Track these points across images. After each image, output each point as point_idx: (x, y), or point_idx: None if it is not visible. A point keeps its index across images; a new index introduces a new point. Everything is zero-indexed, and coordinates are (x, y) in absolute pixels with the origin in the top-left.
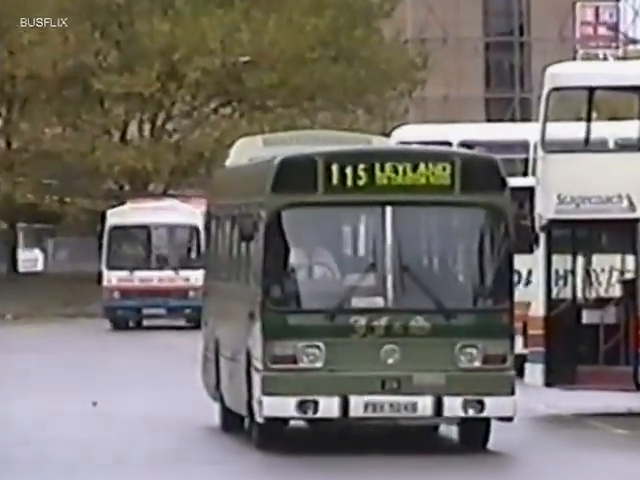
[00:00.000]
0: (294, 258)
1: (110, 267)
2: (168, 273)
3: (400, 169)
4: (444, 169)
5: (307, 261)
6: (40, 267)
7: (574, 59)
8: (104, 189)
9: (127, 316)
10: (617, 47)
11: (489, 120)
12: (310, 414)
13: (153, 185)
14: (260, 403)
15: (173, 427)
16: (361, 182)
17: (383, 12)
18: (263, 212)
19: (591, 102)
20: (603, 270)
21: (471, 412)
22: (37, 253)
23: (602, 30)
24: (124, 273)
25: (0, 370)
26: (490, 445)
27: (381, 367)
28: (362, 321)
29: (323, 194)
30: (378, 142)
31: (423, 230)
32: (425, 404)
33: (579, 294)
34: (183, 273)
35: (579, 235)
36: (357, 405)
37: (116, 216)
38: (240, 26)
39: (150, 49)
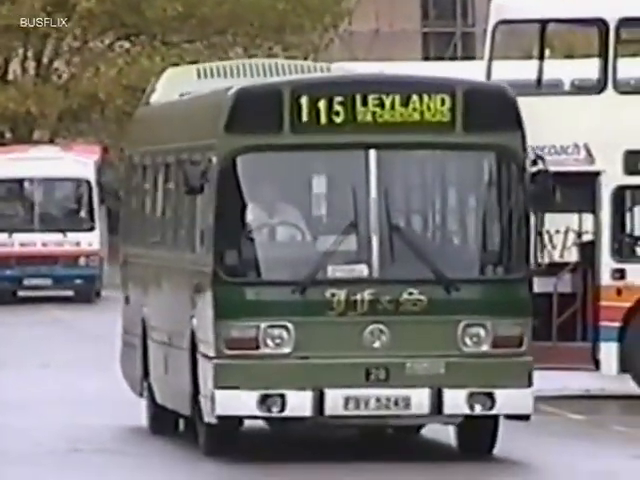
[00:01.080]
0: (254, 216)
1: None
2: (54, 236)
3: (387, 102)
4: (443, 102)
5: (271, 220)
6: None
7: None
8: None
9: (8, 287)
10: None
11: (426, 58)
12: (275, 412)
13: (38, 132)
14: (212, 399)
15: (74, 420)
16: (338, 119)
17: None
18: (214, 158)
19: (543, 37)
20: (558, 231)
21: (478, 409)
22: None
23: None
24: (1, 236)
25: None
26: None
27: (365, 352)
28: (341, 295)
29: (290, 134)
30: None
31: (416, 180)
32: (420, 399)
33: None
34: (72, 236)
35: None
36: (335, 401)
37: None
38: None
39: None
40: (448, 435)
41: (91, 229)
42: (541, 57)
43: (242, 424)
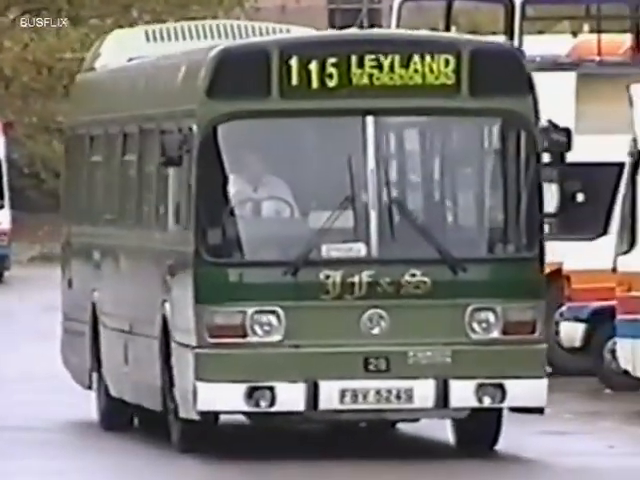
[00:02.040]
0: (240, 190)
1: None
2: None
3: (386, 64)
4: (447, 63)
5: (258, 194)
6: None
7: None
8: None
9: None
10: None
11: None
12: (264, 406)
13: None
14: (193, 392)
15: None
16: (332, 82)
17: None
18: (194, 126)
19: (449, 14)
20: None
21: (487, 401)
22: None
23: None
24: None
25: None
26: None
27: (363, 340)
28: (336, 276)
29: (279, 99)
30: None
31: (418, 149)
32: (425, 391)
33: None
34: None
35: None
36: (330, 393)
37: None
38: None
39: None
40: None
41: (0, 207)
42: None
43: (218, 419)
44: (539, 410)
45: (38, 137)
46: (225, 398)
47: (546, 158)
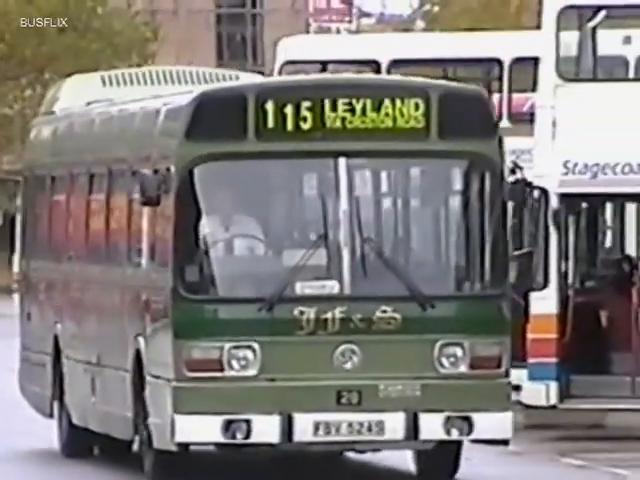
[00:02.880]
0: (217, 229)
1: None
2: None
3: (358, 108)
4: (417, 107)
5: (235, 232)
6: None
7: (307, 32)
8: None
9: None
10: (350, 21)
11: None
12: (241, 438)
13: None
14: (171, 424)
15: None
16: (306, 125)
17: None
18: (172, 167)
19: None
20: None
21: (455, 434)
22: None
23: (335, 3)
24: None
25: None
26: None
27: (336, 374)
28: (310, 313)
29: (255, 141)
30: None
31: (389, 190)
32: (395, 424)
33: None
34: None
35: None
36: (304, 426)
37: None
38: None
39: None
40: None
41: None
42: None
43: (188, 450)
44: (504, 442)
45: None
46: (202, 430)
47: None
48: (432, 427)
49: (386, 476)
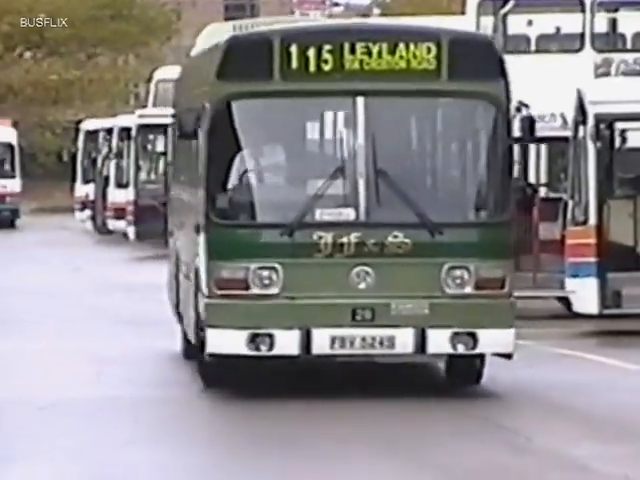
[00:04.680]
0: (245, 160)
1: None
2: None
3: (374, 51)
4: (429, 50)
5: (261, 164)
6: None
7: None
8: None
9: None
10: (324, 9)
11: None
12: (264, 351)
13: None
14: (204, 337)
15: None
16: (327, 67)
17: None
18: (207, 103)
19: None
20: None
21: (461, 348)
22: None
23: None
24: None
25: None
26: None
27: (351, 293)
28: (328, 237)
29: (280, 81)
30: None
31: (403, 126)
32: (405, 338)
33: None
34: (0, 182)
35: None
36: (322, 340)
37: None
38: None
39: None
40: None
41: (12, 177)
42: None
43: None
44: (507, 355)
45: (35, 131)
46: (230, 343)
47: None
48: (439, 342)
49: (418, 377)
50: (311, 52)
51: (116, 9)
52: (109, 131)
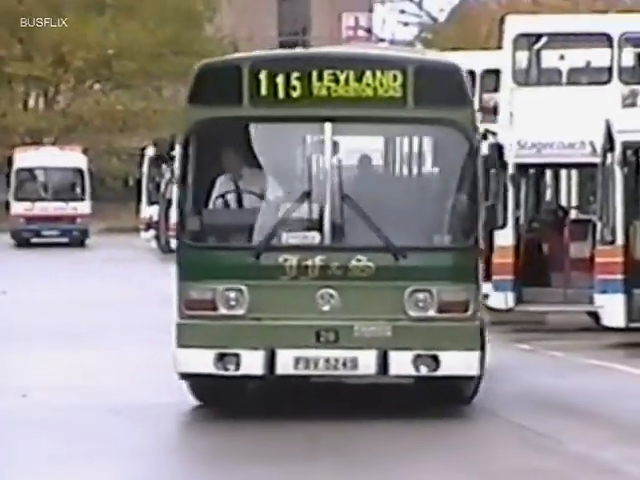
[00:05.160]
0: (215, 184)
1: (17, 199)
2: (60, 204)
3: (342, 78)
4: (395, 78)
5: (230, 188)
6: None
7: None
8: (13, 141)
9: (29, 236)
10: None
11: None
12: (232, 370)
13: (47, 139)
14: (174, 357)
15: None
16: (295, 93)
17: (207, 17)
18: (181, 129)
19: None
20: None
21: (424, 370)
22: None
23: (361, 32)
24: (27, 204)
25: None
26: None
27: (315, 315)
28: (293, 260)
29: (249, 107)
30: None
31: (369, 152)
32: (368, 360)
33: None
34: (72, 204)
35: None
36: (286, 360)
37: (21, 160)
38: (110, 28)
39: (45, 44)
40: None
41: (82, 200)
42: None
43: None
44: (471, 378)
45: (104, 157)
46: (199, 362)
47: None
48: (401, 364)
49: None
50: (280, 79)
51: (178, 45)
52: (171, 157)
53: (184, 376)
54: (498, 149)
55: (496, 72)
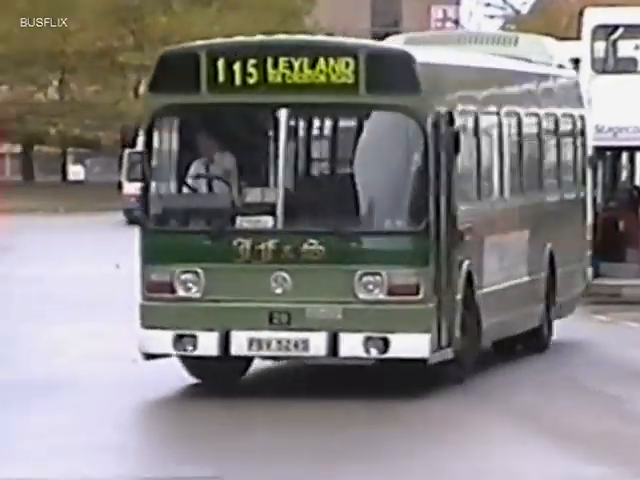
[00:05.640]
0: (172, 170)
1: (129, 180)
2: None
3: (296, 65)
4: (347, 65)
5: (188, 173)
6: (82, 177)
7: None
8: (126, 126)
9: None
10: None
11: None
12: (190, 351)
13: None
14: (137, 337)
15: None
16: (251, 80)
17: (306, 10)
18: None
19: None
20: None
21: (374, 352)
22: (80, 168)
23: (449, 24)
24: (138, 184)
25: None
26: None
27: (268, 298)
28: (247, 244)
29: (207, 94)
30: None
31: (323, 137)
32: (318, 342)
33: None
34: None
35: None
36: (239, 342)
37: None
38: (214, 20)
39: (154, 35)
40: None
41: None
42: None
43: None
44: (422, 360)
45: None
46: (159, 343)
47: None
48: (351, 345)
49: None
50: (236, 66)
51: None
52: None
53: (147, 356)
54: (456, 135)
55: (576, 61)
